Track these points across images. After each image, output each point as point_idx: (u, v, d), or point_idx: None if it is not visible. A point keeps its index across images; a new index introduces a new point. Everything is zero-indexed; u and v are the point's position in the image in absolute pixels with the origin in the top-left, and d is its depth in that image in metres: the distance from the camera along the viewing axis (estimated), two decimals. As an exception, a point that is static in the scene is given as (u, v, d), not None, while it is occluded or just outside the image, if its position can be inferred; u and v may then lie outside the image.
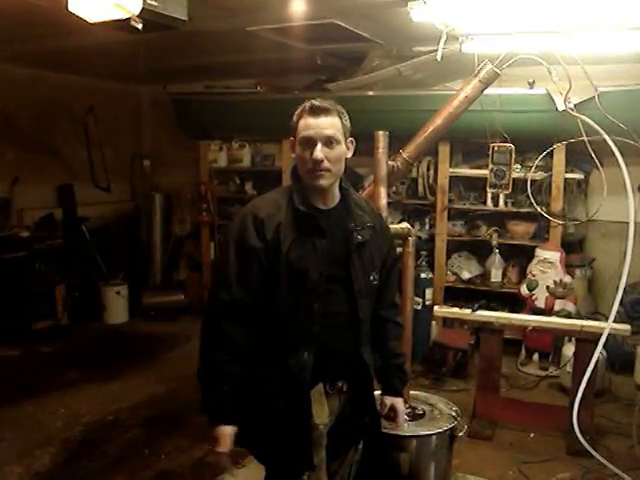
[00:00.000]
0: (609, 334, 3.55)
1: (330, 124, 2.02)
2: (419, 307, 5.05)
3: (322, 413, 2.11)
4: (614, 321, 3.58)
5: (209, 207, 6.71)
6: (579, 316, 4.76)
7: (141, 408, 4.45)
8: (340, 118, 2.05)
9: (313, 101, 2.05)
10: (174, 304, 6.85)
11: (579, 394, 3.50)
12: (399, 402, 2.41)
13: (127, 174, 7.66)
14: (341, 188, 2.14)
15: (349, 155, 2.12)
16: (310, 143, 2.00)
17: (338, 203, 2.14)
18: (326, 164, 2.00)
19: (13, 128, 6.17)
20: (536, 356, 5.17)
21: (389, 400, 2.39)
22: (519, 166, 5.09)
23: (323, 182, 2.03)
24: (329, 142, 2.00)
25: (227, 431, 2.06)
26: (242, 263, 2.03)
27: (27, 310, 5.79)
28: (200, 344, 2.11)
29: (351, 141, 2.12)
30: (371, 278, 2.17)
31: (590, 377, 3.51)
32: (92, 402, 4.51)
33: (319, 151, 1.98)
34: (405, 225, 3.33)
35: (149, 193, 7.41)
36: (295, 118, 2.06)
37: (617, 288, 3.47)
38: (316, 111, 2.01)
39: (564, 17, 3.50)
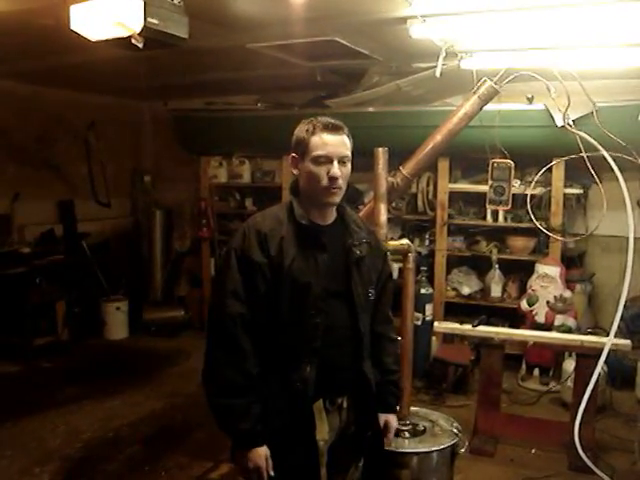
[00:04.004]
0: (610, 349, 3.55)
1: (344, 143, 2.05)
2: (419, 323, 5.03)
3: (322, 429, 2.10)
4: (615, 336, 3.58)
5: (209, 223, 6.70)
6: (579, 331, 4.75)
7: (141, 424, 4.44)
8: (349, 137, 2.07)
9: (327, 118, 2.06)
10: (174, 320, 6.83)
11: (580, 409, 3.49)
12: (392, 418, 2.38)
13: (127, 190, 7.67)
14: (337, 205, 2.16)
15: None
16: (327, 161, 2.01)
17: (335, 219, 2.16)
18: (340, 182, 2.03)
19: (14, 144, 6.19)
20: (537, 371, 5.15)
21: (383, 417, 2.34)
22: (518, 181, 5.10)
23: (336, 199, 2.07)
24: (342, 161, 2.03)
25: (266, 454, 2.00)
26: (246, 278, 2.02)
27: (27, 326, 5.76)
28: (215, 362, 2.01)
29: None
30: (369, 293, 2.18)
31: (591, 392, 3.51)
32: (92, 418, 4.49)
33: (337, 169, 2.01)
34: (405, 241, 3.35)
35: (149, 209, 7.40)
36: (305, 135, 2.04)
37: (617, 303, 3.48)
38: (332, 128, 2.03)
39: (561, 34, 3.54)
